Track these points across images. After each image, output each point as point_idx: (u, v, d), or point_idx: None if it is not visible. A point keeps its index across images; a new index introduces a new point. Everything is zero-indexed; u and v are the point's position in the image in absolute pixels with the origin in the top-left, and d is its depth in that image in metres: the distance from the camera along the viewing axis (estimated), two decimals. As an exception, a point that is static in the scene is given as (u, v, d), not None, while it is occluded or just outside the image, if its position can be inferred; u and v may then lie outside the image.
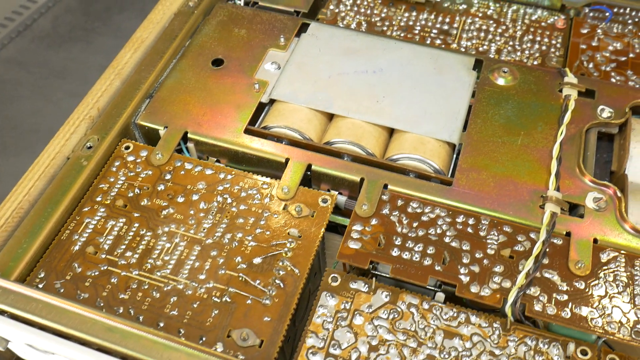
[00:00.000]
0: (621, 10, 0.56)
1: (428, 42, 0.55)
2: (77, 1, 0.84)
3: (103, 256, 0.39)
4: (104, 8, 0.83)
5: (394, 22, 0.57)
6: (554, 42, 0.55)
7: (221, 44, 0.51)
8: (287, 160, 0.43)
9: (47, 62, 0.79)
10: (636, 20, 0.55)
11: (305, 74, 0.48)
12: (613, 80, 0.51)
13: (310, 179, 0.44)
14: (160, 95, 0.47)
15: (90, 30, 0.81)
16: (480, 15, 0.57)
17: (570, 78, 0.47)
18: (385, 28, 0.57)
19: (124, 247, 0.40)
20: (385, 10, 0.58)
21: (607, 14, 0.55)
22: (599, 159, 0.46)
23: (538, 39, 0.55)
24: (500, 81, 0.48)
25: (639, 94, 0.47)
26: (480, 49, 0.55)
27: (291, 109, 0.46)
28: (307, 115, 0.46)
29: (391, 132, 0.46)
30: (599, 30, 0.55)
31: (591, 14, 0.56)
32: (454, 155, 0.45)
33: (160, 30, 0.51)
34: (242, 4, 0.58)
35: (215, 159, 0.46)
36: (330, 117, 0.47)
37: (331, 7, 0.59)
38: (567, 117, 0.45)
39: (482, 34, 0.56)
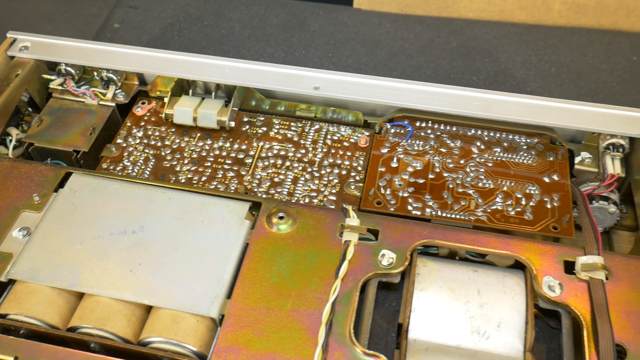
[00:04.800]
0: (423, 124, 0.53)
1: (220, 175, 0.50)
2: None
3: None
4: None
5: (185, 154, 0.52)
6: (355, 164, 0.51)
7: (-34, 208, 0.44)
8: (16, 359, 0.37)
9: None
10: (438, 134, 0.52)
11: (53, 242, 0.42)
12: (410, 207, 0.47)
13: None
14: None
15: None
16: (279, 138, 0.53)
17: (352, 219, 0.43)
18: (175, 162, 0.52)
19: None
20: (178, 140, 0.53)
21: (409, 129, 0.52)
22: (388, 308, 0.42)
23: (339, 161, 0.51)
24: (277, 228, 0.43)
25: (425, 230, 0.43)
26: (276, 179, 0.50)
27: (30, 290, 0.40)
28: (49, 296, 0.40)
29: (150, 306, 0.40)
30: (399, 149, 0.51)
31: (393, 130, 0.53)
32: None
33: None
34: (11, 150, 0.52)
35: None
36: (82, 293, 0.41)
37: (119, 140, 0.53)
38: (343, 269, 0.40)
39: (280, 161, 0.51)
